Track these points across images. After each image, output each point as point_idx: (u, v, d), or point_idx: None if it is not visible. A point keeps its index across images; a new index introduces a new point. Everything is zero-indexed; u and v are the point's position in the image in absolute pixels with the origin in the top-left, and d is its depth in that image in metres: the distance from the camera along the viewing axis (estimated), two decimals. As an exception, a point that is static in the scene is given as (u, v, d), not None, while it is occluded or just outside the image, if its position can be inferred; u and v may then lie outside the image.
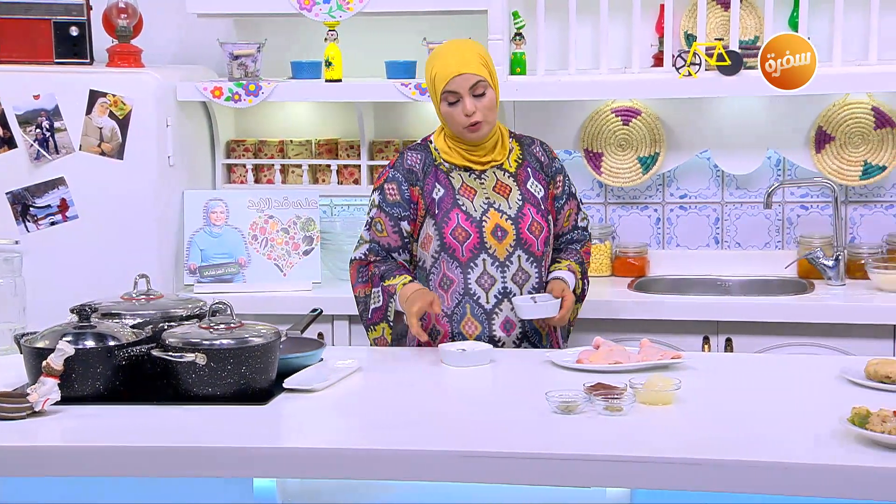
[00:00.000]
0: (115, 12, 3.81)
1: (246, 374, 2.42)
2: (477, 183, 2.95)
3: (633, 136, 3.91)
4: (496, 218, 2.92)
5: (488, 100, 2.88)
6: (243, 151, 4.09)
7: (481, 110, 2.87)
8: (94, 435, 2.26)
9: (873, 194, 3.89)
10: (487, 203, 2.93)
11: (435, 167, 2.96)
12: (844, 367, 2.53)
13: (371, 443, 2.20)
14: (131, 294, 2.69)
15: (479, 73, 2.86)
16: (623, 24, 3.79)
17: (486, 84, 2.87)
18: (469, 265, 2.91)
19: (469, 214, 2.92)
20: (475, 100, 2.87)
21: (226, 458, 2.17)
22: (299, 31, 4.01)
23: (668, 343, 3.41)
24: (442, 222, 2.92)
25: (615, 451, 2.10)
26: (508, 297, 2.92)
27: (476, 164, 2.96)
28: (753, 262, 3.93)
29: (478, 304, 2.92)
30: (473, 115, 2.86)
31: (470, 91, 2.86)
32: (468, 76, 2.86)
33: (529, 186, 2.97)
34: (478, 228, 2.91)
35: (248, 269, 3.80)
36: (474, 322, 2.92)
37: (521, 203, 2.94)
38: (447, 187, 2.94)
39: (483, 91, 2.87)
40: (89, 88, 3.67)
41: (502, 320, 2.93)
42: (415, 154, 2.99)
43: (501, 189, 2.94)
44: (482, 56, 2.91)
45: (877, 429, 2.04)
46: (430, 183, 2.95)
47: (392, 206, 2.95)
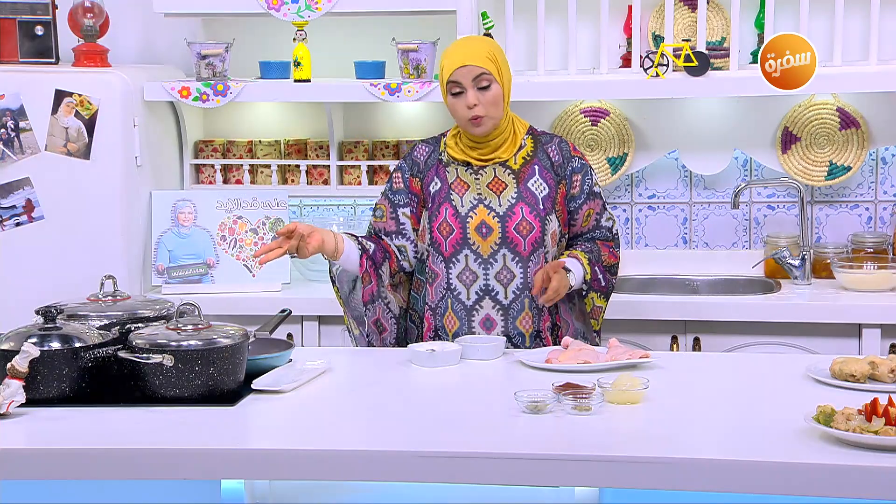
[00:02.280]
0: (80, 12, 3.78)
1: (214, 375, 2.41)
2: (472, 178, 2.95)
3: (601, 136, 3.93)
4: (483, 214, 2.92)
5: (493, 94, 2.87)
6: (211, 152, 4.07)
7: (484, 104, 2.86)
8: (59, 437, 2.24)
9: (838, 194, 3.93)
10: (477, 199, 2.93)
11: (438, 160, 2.98)
12: (810, 365, 2.55)
13: (339, 444, 2.20)
14: (98, 295, 2.67)
15: (482, 66, 2.86)
16: (591, 25, 3.81)
17: (491, 77, 2.87)
18: (451, 260, 2.92)
19: (456, 209, 2.92)
20: (479, 93, 2.86)
21: (193, 459, 2.15)
22: (268, 30, 3.99)
23: (637, 342, 3.42)
24: (432, 215, 2.94)
25: (583, 450, 2.11)
26: (490, 295, 2.92)
27: (476, 159, 2.96)
28: (721, 262, 3.96)
29: (458, 300, 2.93)
30: (475, 109, 2.86)
31: (473, 83, 2.86)
32: (472, 67, 2.86)
33: (530, 185, 2.94)
34: (462, 224, 2.91)
35: (216, 270, 3.78)
36: (454, 318, 2.93)
37: (515, 201, 2.93)
38: (443, 181, 2.96)
39: (487, 84, 2.86)
40: (55, 88, 3.64)
41: (482, 318, 2.93)
42: (424, 146, 3.03)
43: (496, 186, 2.94)
44: (491, 51, 2.91)
45: (841, 427, 2.06)
46: (430, 176, 2.97)
47: (395, 194, 3.00)
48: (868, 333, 3.44)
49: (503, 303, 2.93)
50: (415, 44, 3.74)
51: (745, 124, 3.88)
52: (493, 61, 2.89)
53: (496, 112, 2.89)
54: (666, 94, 3.71)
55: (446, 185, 2.95)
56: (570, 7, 3.71)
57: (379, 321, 2.99)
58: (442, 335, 2.94)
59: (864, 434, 2.03)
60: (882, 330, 3.44)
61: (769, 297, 3.63)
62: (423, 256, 2.99)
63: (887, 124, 3.81)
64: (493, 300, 2.92)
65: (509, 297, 2.93)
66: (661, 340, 3.52)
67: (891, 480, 1.96)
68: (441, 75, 2.92)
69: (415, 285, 3.03)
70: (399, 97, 3.72)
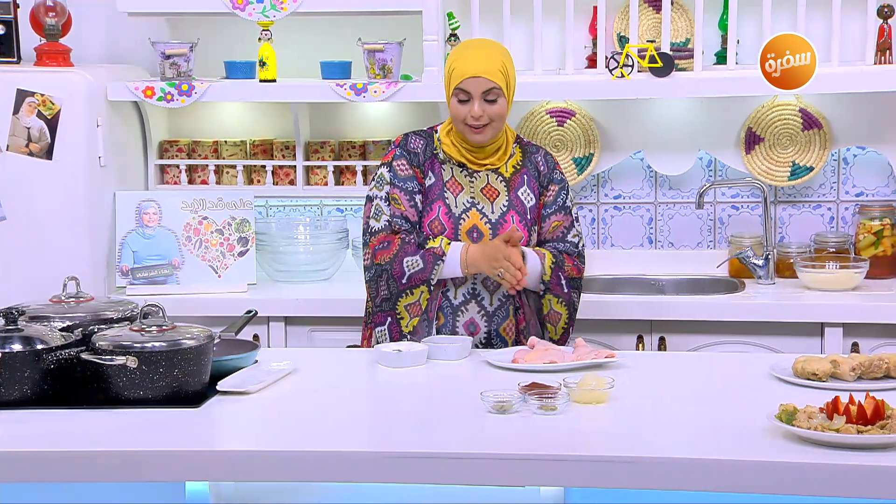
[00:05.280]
0: (42, 10, 3.74)
1: (178, 376, 2.39)
2: (467, 180, 2.94)
3: (567, 136, 3.94)
4: (476, 219, 2.92)
5: (499, 107, 2.87)
6: (176, 152, 4.04)
7: (489, 116, 2.86)
8: (22, 440, 2.22)
9: (801, 195, 3.96)
10: (471, 202, 2.93)
11: (434, 155, 2.96)
12: (773, 364, 2.58)
13: (304, 445, 2.19)
14: (61, 297, 2.64)
15: (495, 80, 2.85)
16: (557, 25, 3.82)
17: (500, 92, 2.86)
18: None
19: (450, 209, 2.92)
20: (486, 104, 2.85)
21: (158, 461, 2.14)
22: (233, 30, 3.97)
23: (603, 342, 3.44)
24: (425, 210, 2.93)
25: (549, 450, 2.12)
26: (476, 300, 2.92)
27: (473, 163, 2.95)
28: (686, 262, 3.98)
29: (446, 297, 2.93)
30: (480, 119, 2.86)
31: (482, 95, 2.85)
32: (484, 80, 2.84)
33: (520, 193, 2.96)
34: (454, 225, 2.91)
35: (181, 271, 3.76)
36: (440, 313, 2.93)
37: (506, 209, 2.94)
38: (438, 177, 2.94)
39: (496, 98, 2.86)
40: (17, 88, 3.61)
41: (467, 320, 2.93)
42: (418, 139, 2.99)
43: (489, 192, 2.94)
44: (504, 64, 2.89)
45: (803, 425, 2.08)
46: (426, 168, 2.95)
47: (404, 181, 2.93)
48: (830, 332, 3.47)
49: (488, 309, 2.93)
50: (381, 44, 3.73)
51: (710, 125, 3.90)
52: (505, 75, 2.88)
53: (499, 124, 2.90)
54: (631, 94, 3.73)
55: (440, 181, 2.93)
56: (536, 8, 3.72)
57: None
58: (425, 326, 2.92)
59: (826, 432, 2.05)
60: (844, 329, 3.47)
61: (733, 296, 3.66)
62: None
63: (849, 125, 3.85)
64: (479, 305, 2.93)
65: (494, 304, 2.94)
66: (627, 340, 3.54)
67: (852, 478, 1.98)
68: (449, 77, 2.90)
69: None
70: (365, 97, 3.72)
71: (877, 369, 2.48)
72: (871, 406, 2.08)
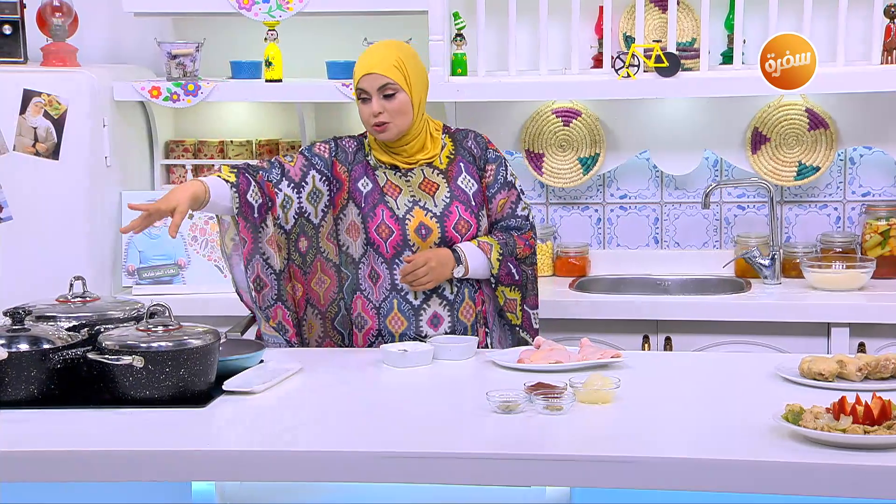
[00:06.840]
0: (49, 11, 3.76)
1: (184, 376, 2.39)
2: (403, 181, 2.95)
3: (573, 136, 3.94)
4: (420, 216, 2.93)
5: (398, 102, 2.87)
6: (182, 152, 4.05)
7: (389, 112, 2.87)
8: (28, 440, 2.22)
9: (807, 195, 3.96)
10: (412, 201, 2.94)
11: (365, 160, 2.97)
12: (779, 364, 2.57)
13: (310, 445, 2.19)
14: (67, 296, 2.65)
15: (388, 76, 2.86)
16: (562, 25, 3.82)
17: (397, 87, 2.86)
18: (394, 262, 2.92)
19: (393, 212, 2.92)
20: (384, 101, 2.87)
21: (164, 461, 2.14)
22: (239, 30, 3.98)
23: (608, 342, 3.43)
24: (367, 217, 2.93)
25: (555, 450, 2.12)
26: (437, 292, 2.93)
27: (403, 163, 2.96)
28: (692, 262, 3.98)
29: (405, 300, 2.93)
30: (379, 116, 2.87)
31: (378, 92, 2.87)
32: (376, 76, 2.86)
33: (460, 182, 2.96)
34: (401, 226, 2.92)
35: (187, 271, 3.76)
36: (401, 318, 2.93)
37: (449, 201, 2.95)
38: (375, 183, 2.95)
39: (393, 93, 2.87)
40: (23, 88, 3.61)
41: (430, 316, 2.94)
42: (350, 140, 3.01)
43: (428, 187, 2.95)
44: (399, 59, 2.89)
45: (809, 425, 2.07)
46: (357, 172, 2.95)
47: (312, 155, 2.95)
48: (836, 332, 3.47)
49: (449, 298, 2.95)
50: (386, 44, 3.73)
51: (716, 125, 3.90)
52: (401, 70, 2.88)
53: (402, 120, 2.89)
54: (637, 94, 3.72)
55: (378, 187, 2.94)
56: (542, 8, 3.72)
57: (259, 277, 2.91)
58: (385, 336, 2.94)
59: (832, 432, 2.04)
60: (850, 329, 3.47)
61: (739, 296, 3.65)
62: (347, 249, 2.95)
63: (855, 125, 3.84)
64: (440, 297, 2.94)
65: (454, 292, 2.96)
66: (633, 340, 3.54)
67: (858, 478, 1.98)
68: (353, 80, 2.93)
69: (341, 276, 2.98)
70: (371, 97, 3.71)
71: (883, 369, 2.48)
72: (878, 406, 2.08)
